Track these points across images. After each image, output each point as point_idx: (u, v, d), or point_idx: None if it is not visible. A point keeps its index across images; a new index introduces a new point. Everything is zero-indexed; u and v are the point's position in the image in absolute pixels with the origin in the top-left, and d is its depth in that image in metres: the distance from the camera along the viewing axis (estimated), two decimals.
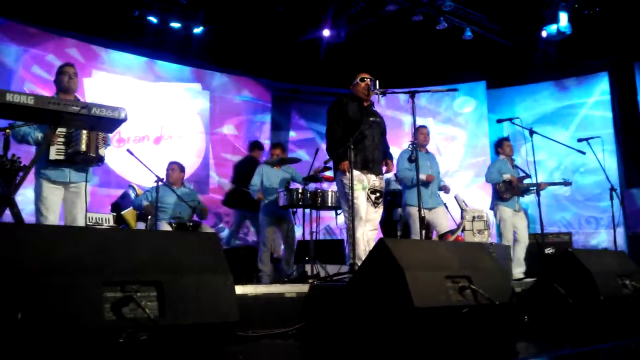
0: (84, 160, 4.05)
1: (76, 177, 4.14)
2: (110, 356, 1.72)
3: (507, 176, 6.19)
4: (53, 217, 4.08)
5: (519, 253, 6.11)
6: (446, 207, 6.19)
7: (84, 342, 1.66)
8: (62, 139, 3.97)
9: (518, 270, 5.95)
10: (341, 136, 4.51)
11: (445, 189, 6.16)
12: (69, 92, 4.23)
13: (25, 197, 6.39)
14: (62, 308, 1.64)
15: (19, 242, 1.70)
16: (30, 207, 6.48)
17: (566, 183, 6.42)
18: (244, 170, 7.20)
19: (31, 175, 4.06)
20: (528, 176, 5.92)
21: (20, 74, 7.22)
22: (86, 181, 4.16)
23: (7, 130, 3.29)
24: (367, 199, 4.53)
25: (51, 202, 4.07)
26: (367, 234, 4.49)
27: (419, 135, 6.14)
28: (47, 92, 6.45)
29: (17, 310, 1.57)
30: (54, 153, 3.95)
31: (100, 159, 4.10)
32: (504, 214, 6.18)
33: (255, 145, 7.68)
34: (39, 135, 3.94)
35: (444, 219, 6.02)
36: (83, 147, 3.90)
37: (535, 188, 6.14)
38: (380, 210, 4.64)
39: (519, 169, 6.32)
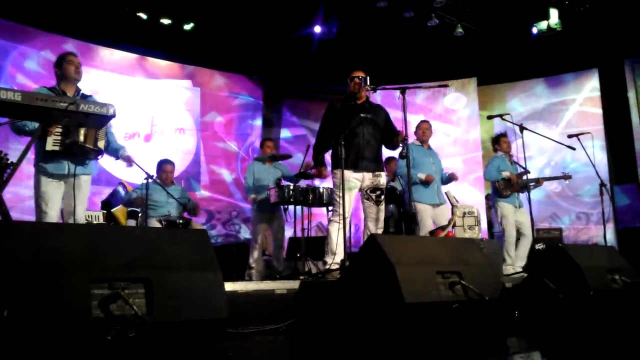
0: (82, 152, 3.87)
1: (75, 170, 3.92)
2: (98, 353, 1.71)
3: (506, 173, 6.17)
4: (54, 213, 3.90)
5: (523, 247, 6.09)
6: None
7: (71, 339, 1.65)
8: (59, 129, 3.77)
9: (520, 264, 5.96)
10: (326, 137, 4.60)
11: (453, 176, 6.14)
12: (74, 83, 4.05)
13: (14, 195, 6.36)
14: (48, 305, 1.62)
15: (5, 239, 1.69)
16: (19, 204, 6.47)
17: (566, 177, 6.33)
18: None
19: (29, 171, 3.93)
20: (527, 172, 5.90)
21: (9, 71, 7.16)
22: (74, 173, 3.92)
23: None
24: (368, 198, 4.52)
25: (51, 196, 3.88)
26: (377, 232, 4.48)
27: (418, 131, 6.14)
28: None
29: (3, 307, 1.55)
30: (51, 144, 3.76)
31: (98, 152, 3.95)
32: (505, 210, 6.16)
33: None
34: (36, 124, 3.73)
35: (446, 216, 6.00)
36: (81, 138, 3.74)
37: (534, 184, 6.15)
38: (382, 207, 4.59)
39: (518, 165, 6.30)
